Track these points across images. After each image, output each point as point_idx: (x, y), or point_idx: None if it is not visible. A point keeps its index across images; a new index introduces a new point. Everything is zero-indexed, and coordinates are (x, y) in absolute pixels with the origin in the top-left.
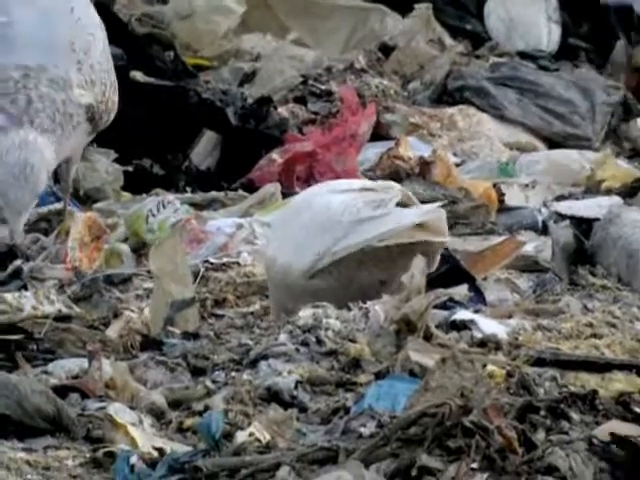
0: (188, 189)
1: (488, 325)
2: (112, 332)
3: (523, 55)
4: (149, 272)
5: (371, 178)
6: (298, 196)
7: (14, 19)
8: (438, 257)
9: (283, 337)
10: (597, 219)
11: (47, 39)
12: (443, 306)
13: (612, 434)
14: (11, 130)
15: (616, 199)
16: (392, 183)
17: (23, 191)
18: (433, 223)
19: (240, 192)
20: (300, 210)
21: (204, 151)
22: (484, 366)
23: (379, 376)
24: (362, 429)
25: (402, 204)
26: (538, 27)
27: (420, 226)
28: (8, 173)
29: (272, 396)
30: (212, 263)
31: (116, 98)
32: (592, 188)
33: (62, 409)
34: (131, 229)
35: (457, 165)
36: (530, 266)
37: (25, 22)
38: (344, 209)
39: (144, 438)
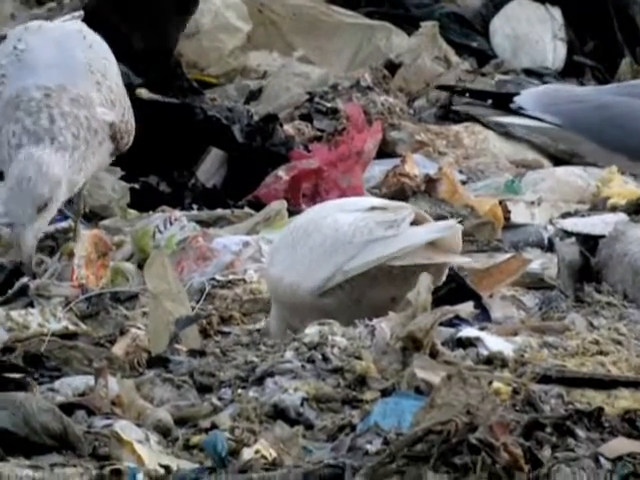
0: (194, 206)
1: (494, 342)
2: (118, 350)
3: (529, 72)
4: None
5: (377, 195)
6: (303, 216)
7: (30, 47)
8: (446, 271)
9: (289, 354)
10: (603, 236)
11: (65, 61)
12: (449, 323)
13: None
14: (24, 147)
15: (622, 216)
16: (403, 204)
17: (23, 203)
18: (447, 240)
19: (246, 209)
20: (308, 231)
21: (210, 168)
22: (490, 383)
23: (385, 393)
24: (368, 446)
25: (416, 223)
26: (544, 45)
27: (433, 243)
28: (8, 188)
29: (278, 413)
30: (218, 280)
31: (133, 122)
32: (598, 205)
33: (68, 426)
34: (138, 245)
35: (463, 182)
36: (536, 283)
37: (42, 48)
38: (354, 230)
39: (151, 455)
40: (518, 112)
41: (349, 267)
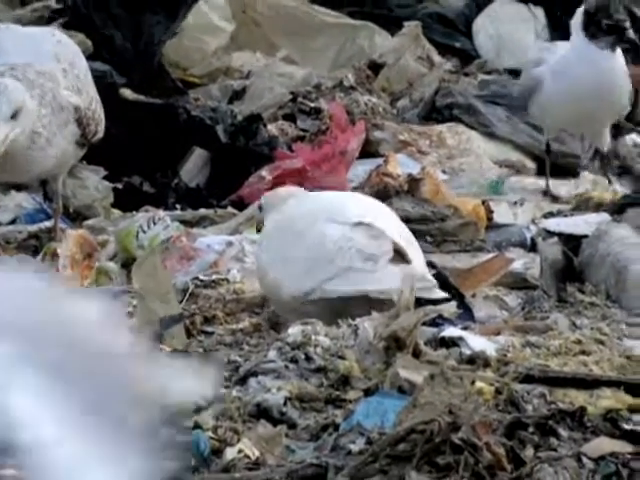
0: (178, 206)
1: (477, 342)
2: None
3: (512, 72)
4: None
5: None
6: (297, 206)
7: None
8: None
9: (272, 354)
10: (585, 236)
11: (32, 49)
12: (432, 323)
13: None
14: None
15: (604, 216)
16: (385, 232)
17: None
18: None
19: (229, 209)
20: (297, 230)
21: (194, 168)
22: (473, 383)
23: (368, 393)
24: (351, 445)
25: (396, 251)
26: (526, 44)
27: None
28: None
29: (261, 413)
30: (201, 280)
31: (103, 116)
32: (580, 205)
33: None
34: (121, 245)
35: (446, 182)
36: (519, 283)
37: (9, 39)
38: (337, 251)
39: None
40: None
41: (328, 287)
